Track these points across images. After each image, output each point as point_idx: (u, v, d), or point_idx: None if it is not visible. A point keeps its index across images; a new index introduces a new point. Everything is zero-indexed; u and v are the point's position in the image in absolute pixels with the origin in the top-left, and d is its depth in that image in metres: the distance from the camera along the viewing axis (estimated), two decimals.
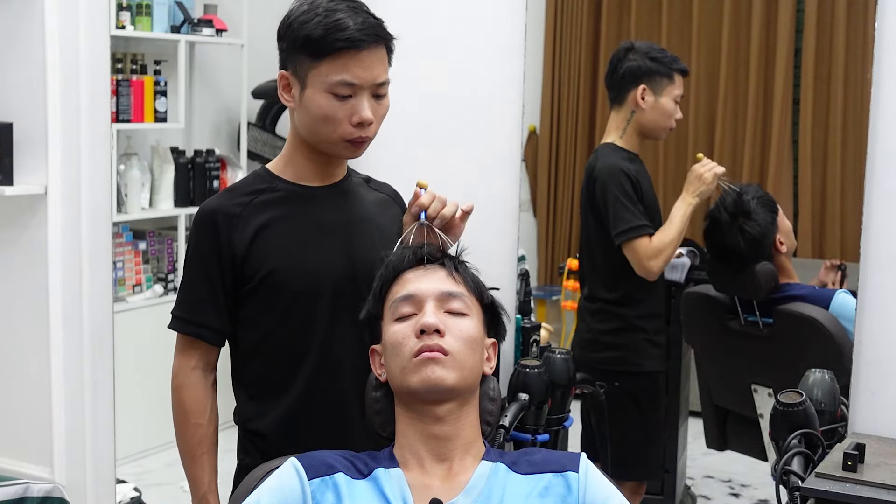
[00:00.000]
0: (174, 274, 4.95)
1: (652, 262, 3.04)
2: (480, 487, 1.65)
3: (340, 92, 1.86)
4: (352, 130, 1.89)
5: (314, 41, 1.86)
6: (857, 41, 5.22)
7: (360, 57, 1.85)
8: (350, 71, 1.85)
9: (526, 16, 2.62)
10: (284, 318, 1.95)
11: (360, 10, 1.89)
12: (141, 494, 3.91)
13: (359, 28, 1.85)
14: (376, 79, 1.88)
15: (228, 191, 2.02)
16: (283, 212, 1.96)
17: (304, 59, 1.89)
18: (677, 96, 3.17)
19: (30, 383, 2.88)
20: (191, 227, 2.00)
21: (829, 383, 2.14)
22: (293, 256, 1.94)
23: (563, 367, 2.45)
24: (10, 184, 2.82)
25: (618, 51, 3.23)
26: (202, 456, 1.98)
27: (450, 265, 1.76)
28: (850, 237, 5.22)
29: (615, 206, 3.05)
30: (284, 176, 2.00)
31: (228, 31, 5.04)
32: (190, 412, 1.98)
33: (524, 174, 6.02)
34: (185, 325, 1.99)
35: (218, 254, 1.94)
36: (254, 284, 1.94)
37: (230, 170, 5.17)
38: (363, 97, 1.88)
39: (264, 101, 5.42)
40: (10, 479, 2.74)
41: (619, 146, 3.16)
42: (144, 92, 4.67)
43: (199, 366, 1.99)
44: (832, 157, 5.35)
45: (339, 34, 1.84)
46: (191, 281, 1.99)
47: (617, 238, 3.05)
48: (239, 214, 1.94)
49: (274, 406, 1.98)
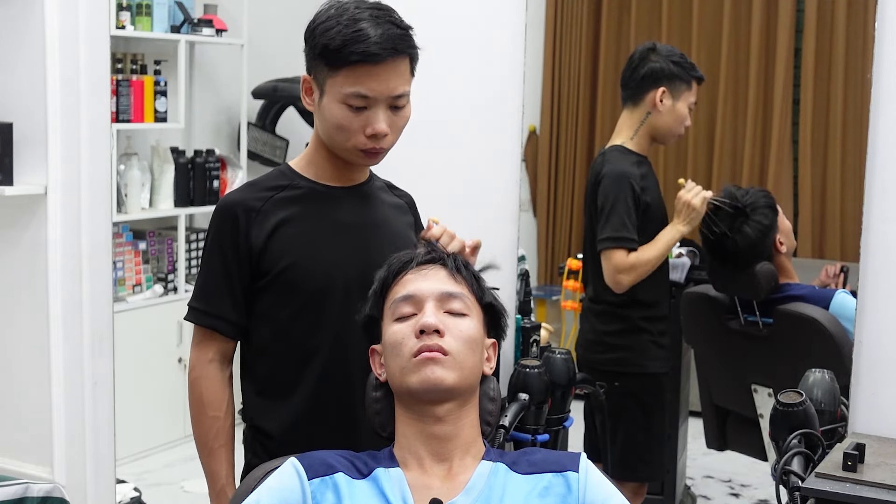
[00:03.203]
0: (174, 274, 4.95)
1: (622, 276, 3.03)
2: (480, 487, 1.65)
3: (355, 104, 1.86)
4: (365, 141, 1.90)
5: (332, 51, 1.85)
6: (857, 41, 5.22)
7: (377, 70, 1.84)
8: (365, 84, 1.85)
9: (526, 16, 2.62)
10: (297, 315, 1.95)
11: (385, 19, 1.86)
12: (141, 494, 3.91)
13: (378, 41, 1.83)
14: (392, 91, 1.87)
15: (250, 185, 2.02)
16: (303, 209, 1.97)
17: (323, 67, 1.88)
18: (692, 104, 3.17)
19: (30, 383, 2.88)
20: (210, 220, 2.01)
21: (829, 383, 2.14)
22: (309, 254, 1.94)
23: (563, 367, 2.45)
24: (10, 184, 2.83)
25: (639, 50, 3.20)
26: (220, 448, 1.99)
27: (451, 265, 1.76)
28: (850, 237, 5.22)
29: (609, 212, 3.04)
30: (306, 174, 2.00)
31: (228, 31, 5.04)
32: (207, 405, 1.98)
33: (524, 174, 6.02)
34: (202, 316, 2.00)
35: (236, 246, 1.95)
36: (269, 279, 1.95)
37: (230, 170, 5.17)
38: (378, 109, 1.87)
39: (264, 101, 5.42)
40: (10, 479, 2.73)
41: (628, 149, 3.14)
42: (144, 92, 4.66)
43: (216, 358, 1.99)
44: (832, 157, 5.35)
45: (356, 47, 1.82)
46: (209, 273, 2.00)
47: (599, 244, 3.05)
48: (259, 209, 1.95)
49: (282, 404, 1.98)
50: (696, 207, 3.05)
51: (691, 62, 3.18)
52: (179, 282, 4.93)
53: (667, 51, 3.15)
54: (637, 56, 3.18)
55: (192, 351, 2.02)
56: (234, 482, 1.99)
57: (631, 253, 3.04)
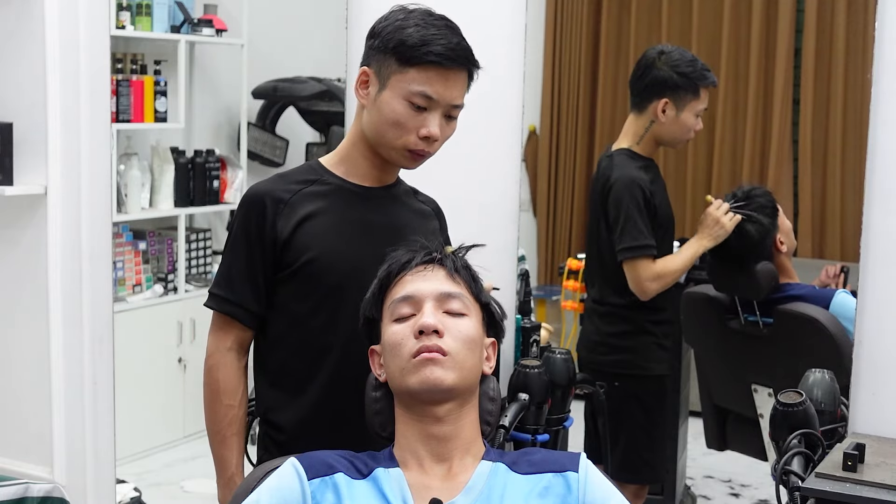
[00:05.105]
0: (174, 274, 4.95)
1: (651, 283, 3.04)
2: (480, 487, 1.65)
3: (418, 102, 1.89)
4: (417, 141, 1.92)
5: (408, 47, 1.87)
6: (857, 41, 5.23)
7: (446, 75, 1.89)
8: (433, 85, 1.88)
9: (526, 16, 2.62)
10: (314, 309, 1.96)
11: (457, 31, 1.92)
12: (141, 494, 3.92)
13: (454, 48, 1.88)
14: (454, 100, 1.92)
15: (279, 177, 2.03)
16: (330, 205, 1.98)
17: (392, 62, 1.90)
18: (700, 110, 3.11)
19: (30, 383, 2.88)
20: (237, 208, 2.02)
21: (829, 383, 2.14)
22: (332, 249, 1.95)
23: (563, 367, 2.45)
24: (10, 184, 2.82)
25: (647, 55, 3.13)
26: (232, 437, 1.99)
27: (449, 265, 1.76)
28: (850, 237, 5.23)
29: (624, 221, 3.03)
30: (336, 171, 2.02)
31: (228, 31, 5.04)
32: (223, 392, 1.98)
33: (524, 174, 6.02)
34: (223, 303, 1.99)
35: (262, 236, 1.95)
36: (290, 272, 1.96)
37: (230, 170, 5.17)
38: (437, 113, 1.91)
39: (264, 101, 5.42)
40: (10, 479, 2.73)
41: (635, 153, 3.12)
42: (144, 92, 4.66)
43: (234, 347, 1.99)
44: (832, 157, 5.36)
45: (434, 47, 1.86)
46: (233, 260, 1.99)
47: (620, 254, 3.04)
48: (287, 200, 1.96)
49: (295, 398, 1.98)
50: (726, 226, 3.05)
51: (703, 68, 3.08)
52: (179, 282, 4.93)
53: (675, 58, 3.07)
54: (644, 62, 3.12)
55: (210, 337, 2.02)
56: (244, 472, 1.98)
57: (657, 261, 3.04)
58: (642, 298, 3.07)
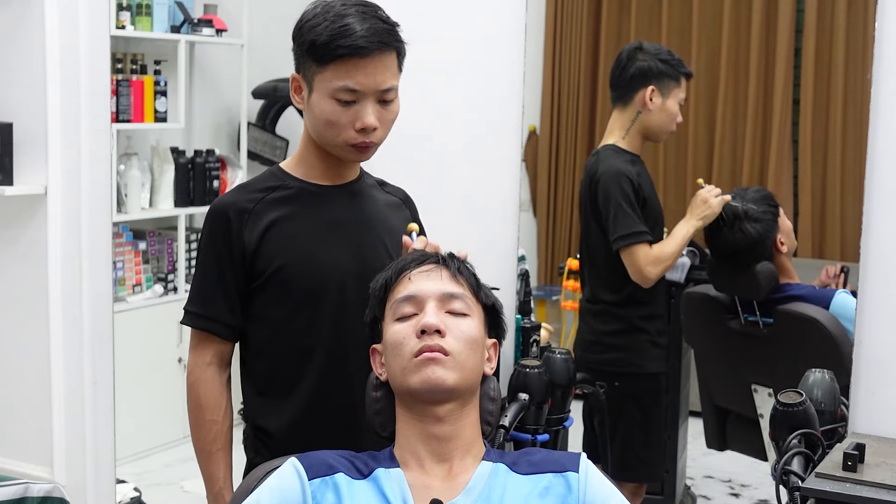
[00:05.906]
0: (174, 274, 4.95)
1: (650, 268, 3.05)
2: (480, 488, 1.65)
3: (344, 98, 1.88)
4: (355, 136, 1.91)
5: (319, 46, 1.87)
6: (857, 41, 5.22)
7: (364, 63, 1.86)
8: (353, 77, 1.87)
9: (526, 16, 2.62)
10: (292, 315, 1.96)
11: (371, 14, 1.89)
12: (141, 494, 3.92)
13: (364, 34, 1.85)
14: (380, 85, 1.89)
15: (241, 187, 2.03)
16: (294, 209, 1.98)
17: (311, 64, 1.90)
18: (681, 100, 3.18)
19: (30, 383, 2.88)
20: (203, 223, 2.02)
21: (829, 383, 2.14)
22: (301, 254, 1.95)
23: (563, 367, 2.45)
24: (10, 184, 2.82)
25: (626, 50, 3.20)
26: (217, 452, 1.99)
27: (452, 266, 1.76)
28: (850, 237, 5.22)
29: (615, 211, 3.05)
30: (296, 174, 2.02)
31: (228, 31, 5.04)
32: (206, 408, 1.99)
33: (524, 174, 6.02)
34: (198, 320, 2.00)
35: (230, 249, 1.96)
36: (263, 280, 1.96)
37: (230, 170, 5.17)
38: (367, 103, 1.89)
39: (264, 101, 5.42)
40: (10, 479, 2.73)
41: (621, 148, 3.15)
42: (144, 92, 4.67)
43: (213, 361, 1.99)
44: (832, 157, 5.35)
45: (343, 41, 1.84)
46: (203, 276, 2.00)
47: (615, 243, 3.05)
48: (251, 210, 1.96)
49: (283, 403, 1.98)
50: (713, 205, 3.08)
51: (679, 59, 3.19)
52: (179, 282, 4.93)
53: (654, 49, 3.16)
54: (624, 56, 3.18)
55: (189, 354, 2.03)
56: (232, 486, 1.99)
57: (653, 246, 3.05)
58: (644, 286, 3.07)
